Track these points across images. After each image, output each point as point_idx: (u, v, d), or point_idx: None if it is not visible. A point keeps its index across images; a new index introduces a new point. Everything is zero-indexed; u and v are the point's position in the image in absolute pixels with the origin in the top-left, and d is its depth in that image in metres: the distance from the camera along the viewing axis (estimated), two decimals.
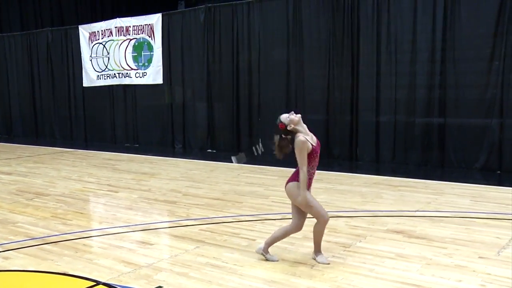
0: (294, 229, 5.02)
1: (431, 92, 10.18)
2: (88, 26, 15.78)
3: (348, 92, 11.07)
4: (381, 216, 6.65)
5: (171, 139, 14.40)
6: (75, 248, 5.56)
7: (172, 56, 14.04)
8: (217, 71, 13.25)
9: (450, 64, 9.91)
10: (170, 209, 7.39)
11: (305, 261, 4.96)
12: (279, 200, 7.66)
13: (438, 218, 6.50)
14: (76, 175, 10.37)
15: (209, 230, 6.16)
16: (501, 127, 9.54)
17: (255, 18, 12.41)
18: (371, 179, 9.18)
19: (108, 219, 6.95)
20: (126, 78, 14.98)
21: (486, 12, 9.50)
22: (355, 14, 10.87)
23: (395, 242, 5.53)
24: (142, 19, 14.43)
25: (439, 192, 7.98)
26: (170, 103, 14.31)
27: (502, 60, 9.40)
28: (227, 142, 13.27)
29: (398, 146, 10.66)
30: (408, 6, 10.25)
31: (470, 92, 9.82)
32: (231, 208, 7.27)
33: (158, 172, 10.44)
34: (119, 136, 15.70)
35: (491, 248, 5.26)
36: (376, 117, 10.83)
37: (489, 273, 4.58)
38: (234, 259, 5.09)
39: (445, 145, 10.13)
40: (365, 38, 10.82)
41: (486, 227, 6.04)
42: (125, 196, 8.31)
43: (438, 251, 5.19)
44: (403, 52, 10.42)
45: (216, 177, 9.74)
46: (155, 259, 5.13)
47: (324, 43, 11.35)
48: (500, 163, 9.62)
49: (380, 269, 4.74)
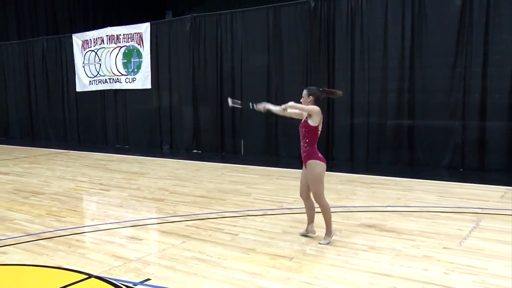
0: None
1: (401, 96, 10.27)
2: (81, 35, 15.68)
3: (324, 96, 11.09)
4: (355, 211, 6.70)
5: (159, 140, 14.36)
6: (69, 244, 5.52)
7: (160, 62, 14.01)
8: (202, 77, 13.23)
9: (417, 70, 10.02)
10: (158, 206, 7.37)
11: (285, 254, 4.98)
12: (261, 197, 7.69)
13: (407, 212, 6.57)
14: (70, 174, 10.28)
15: (194, 226, 6.15)
16: (464, 129, 9.67)
17: (238, 26, 12.43)
18: (346, 177, 9.24)
19: (100, 216, 6.90)
20: (116, 83, 14.90)
21: (449, 23, 9.62)
22: (331, 24, 10.94)
23: (367, 235, 5.58)
24: (132, 28, 14.38)
25: (408, 189, 8.06)
26: (158, 107, 14.27)
27: (463, 67, 9.54)
28: (212, 143, 13.27)
29: (371, 146, 10.73)
30: (379, 17, 10.34)
31: (436, 96, 9.93)
32: (215, 205, 7.26)
33: (147, 172, 10.39)
34: (110, 138, 15.61)
35: (454, 239, 5.34)
36: (350, 119, 10.90)
37: (452, 262, 4.65)
38: (218, 253, 5.09)
39: (414, 145, 10.23)
40: (340, 46, 10.88)
41: (450, 220, 6.12)
42: (116, 194, 8.26)
43: (406, 243, 5.24)
44: (375, 59, 10.50)
45: (201, 176, 9.73)
46: (144, 253, 5.12)
47: (302, 50, 11.40)
48: (463, 161, 9.74)
49: (354, 260, 4.78)
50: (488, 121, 9.43)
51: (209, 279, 4.39)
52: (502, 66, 9.23)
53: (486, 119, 9.44)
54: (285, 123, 11.54)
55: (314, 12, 11.09)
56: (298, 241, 5.41)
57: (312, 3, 11.10)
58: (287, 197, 7.56)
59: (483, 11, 9.27)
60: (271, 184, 8.78)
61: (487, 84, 9.37)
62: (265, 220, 6.35)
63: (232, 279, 4.38)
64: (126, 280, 4.40)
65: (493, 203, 6.98)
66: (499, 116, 9.35)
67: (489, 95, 9.38)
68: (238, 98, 12.51)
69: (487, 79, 9.37)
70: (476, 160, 9.60)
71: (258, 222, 6.23)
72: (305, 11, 11.25)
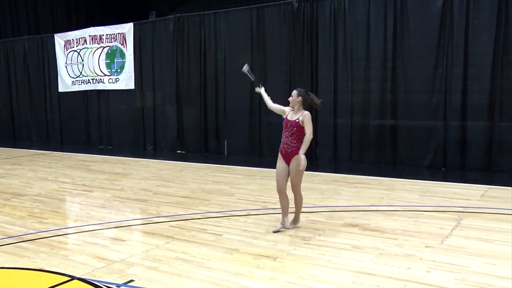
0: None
1: (384, 97, 10.34)
2: (64, 35, 15.53)
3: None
4: (339, 211, 6.72)
5: (143, 141, 14.27)
6: (51, 245, 5.46)
7: (143, 63, 13.93)
8: (185, 77, 13.19)
9: (400, 71, 10.10)
10: (142, 207, 7.32)
11: (268, 254, 4.98)
12: (244, 197, 7.68)
13: (390, 212, 6.61)
14: (52, 176, 10.17)
15: (178, 226, 6.12)
16: (445, 128, 9.77)
17: (221, 27, 12.41)
18: (329, 177, 9.27)
19: (83, 217, 6.84)
20: (99, 83, 14.78)
21: (430, 25, 9.71)
22: (314, 24, 10.97)
23: (351, 235, 5.60)
24: (115, 28, 14.27)
25: (391, 188, 8.11)
26: (141, 107, 14.19)
27: (444, 68, 9.63)
28: (196, 143, 13.23)
29: (354, 146, 10.78)
30: (362, 18, 10.40)
31: (418, 97, 10.02)
32: (199, 205, 7.24)
33: (130, 172, 10.32)
34: (93, 139, 15.49)
35: (436, 237, 5.38)
36: (334, 120, 10.94)
37: (434, 260, 4.69)
38: (202, 253, 5.07)
39: (396, 145, 10.30)
40: (324, 46, 10.92)
41: (432, 219, 6.17)
42: (99, 195, 8.18)
43: (389, 242, 5.28)
44: (358, 59, 10.56)
45: (185, 177, 9.69)
46: (127, 255, 5.08)
47: (285, 50, 11.42)
48: (444, 161, 9.84)
49: (338, 260, 4.79)
50: (469, 121, 9.54)
51: (193, 280, 4.37)
52: (481, 67, 9.35)
53: (467, 119, 9.55)
54: (268, 123, 11.55)
55: (297, 13, 11.12)
56: (281, 241, 5.41)
57: (295, 4, 11.13)
58: (270, 197, 7.56)
59: (463, 13, 9.38)
60: (255, 184, 8.78)
61: (468, 85, 9.48)
62: (248, 220, 6.34)
63: (215, 279, 4.37)
64: (109, 281, 4.36)
65: (474, 201, 7.06)
66: (479, 116, 9.46)
67: (470, 95, 9.49)
68: (221, 98, 12.59)
69: (467, 79, 9.48)
70: (457, 159, 9.70)
71: (241, 222, 6.22)
72: (288, 12, 11.27)
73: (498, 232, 5.54)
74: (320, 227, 5.90)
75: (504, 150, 9.29)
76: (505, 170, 9.26)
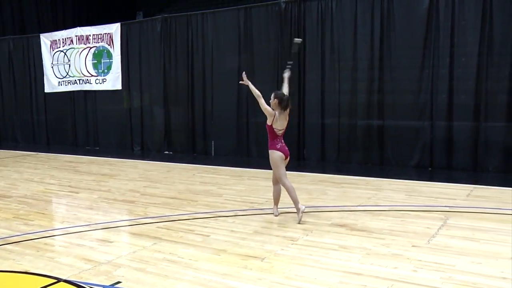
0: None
1: (371, 97, 10.39)
2: (50, 35, 15.41)
3: (295, 97, 11.15)
4: (326, 211, 6.74)
5: (130, 141, 14.21)
6: (37, 248, 5.41)
7: (131, 63, 13.87)
8: (173, 78, 13.15)
9: (387, 71, 10.16)
10: (129, 208, 7.28)
11: (256, 255, 4.98)
12: (232, 198, 7.68)
13: (377, 211, 6.64)
14: (38, 177, 10.08)
15: (165, 227, 6.10)
16: (432, 128, 9.84)
17: (208, 27, 12.40)
18: (317, 177, 9.29)
19: (69, 218, 6.79)
20: (86, 84, 14.69)
21: (416, 26, 9.77)
22: (301, 25, 11.00)
23: (338, 235, 5.62)
24: (102, 28, 14.20)
25: (378, 188, 8.16)
26: (128, 108, 14.12)
27: (431, 68, 9.71)
28: (183, 144, 13.20)
29: (341, 146, 10.82)
30: (349, 18, 10.45)
31: (405, 97, 10.08)
32: (187, 206, 7.22)
33: (117, 174, 10.27)
34: (80, 140, 15.38)
35: (423, 237, 5.42)
36: (321, 120, 10.97)
37: (420, 260, 4.72)
38: (189, 254, 5.06)
39: (383, 145, 10.36)
40: (311, 47, 10.95)
41: (419, 218, 6.22)
42: (85, 196, 8.13)
43: (376, 242, 5.30)
44: (345, 59, 10.60)
45: (172, 177, 9.66)
46: (114, 256, 5.05)
47: (273, 50, 11.44)
48: (431, 160, 9.91)
49: (325, 260, 4.80)
50: (455, 121, 9.62)
51: (180, 281, 4.35)
52: (467, 68, 9.44)
53: (453, 119, 9.63)
54: (255, 123, 11.55)
55: (284, 13, 11.14)
56: (269, 242, 5.41)
57: (282, 4, 11.15)
58: (258, 198, 7.57)
59: (448, 14, 9.46)
60: (242, 184, 8.78)
61: (454, 85, 9.57)
62: (236, 221, 6.34)
63: (203, 280, 4.36)
64: (96, 283, 4.33)
65: (460, 201, 7.13)
66: (465, 116, 9.54)
67: (456, 96, 9.57)
68: (209, 99, 12.56)
69: (453, 80, 9.56)
70: (443, 159, 9.78)
71: (229, 223, 6.22)
72: (276, 12, 11.29)
73: (483, 231, 5.59)
74: (307, 228, 5.92)
75: (489, 150, 9.38)
76: (490, 169, 9.35)
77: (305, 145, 11.25)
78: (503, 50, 9.12)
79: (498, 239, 5.29)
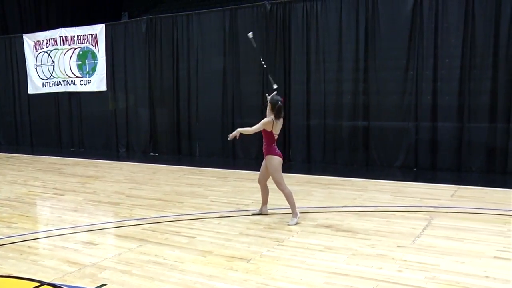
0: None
1: (356, 98, 10.45)
2: (33, 35, 15.26)
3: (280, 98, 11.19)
4: (312, 212, 6.77)
5: (115, 143, 14.13)
6: (20, 251, 5.35)
7: (116, 64, 13.80)
8: (158, 79, 13.11)
9: (372, 73, 10.22)
10: (114, 210, 7.24)
11: (242, 256, 4.98)
12: (217, 199, 7.67)
13: (362, 212, 6.68)
14: (22, 179, 9.98)
15: (151, 229, 6.08)
16: (417, 129, 9.93)
17: (193, 28, 12.38)
18: (302, 178, 9.32)
19: (54, 221, 6.73)
20: (71, 85, 14.58)
21: (401, 27, 9.86)
22: (287, 26, 11.03)
23: (324, 235, 5.64)
24: (86, 29, 14.10)
25: (364, 189, 8.20)
26: (114, 109, 14.05)
27: (415, 70, 9.79)
28: (168, 145, 13.16)
29: (327, 147, 10.87)
30: (334, 20, 10.50)
31: (389, 98, 10.15)
32: (172, 208, 7.20)
33: (102, 175, 10.20)
34: (64, 141, 15.26)
35: (408, 237, 5.47)
36: (307, 121, 11.01)
37: (406, 260, 4.76)
38: (175, 256, 5.05)
39: (369, 146, 10.43)
40: (296, 48, 10.98)
41: (404, 219, 6.27)
42: (70, 198, 8.07)
43: (362, 243, 5.33)
44: (330, 61, 10.64)
45: (158, 179, 9.62)
46: (99, 258, 5.02)
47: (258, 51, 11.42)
48: (416, 161, 10.00)
49: (311, 260, 4.82)
50: (439, 122, 9.72)
51: (166, 283, 4.34)
52: (451, 69, 9.55)
53: (437, 120, 9.73)
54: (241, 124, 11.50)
55: (270, 14, 11.17)
56: (255, 243, 5.42)
57: (267, 5, 11.17)
58: (244, 199, 7.57)
59: (432, 16, 9.55)
60: (228, 186, 8.77)
61: (438, 86, 9.66)
62: (222, 222, 6.34)
63: (189, 282, 4.35)
64: (80, 286, 4.30)
65: (444, 201, 7.20)
66: (449, 117, 9.65)
67: (440, 97, 9.67)
68: (194, 100, 12.54)
69: (437, 81, 9.66)
70: (428, 160, 9.88)
71: (215, 225, 6.21)
72: (261, 14, 11.31)
73: (466, 231, 5.66)
74: (293, 228, 5.93)
75: (472, 151, 9.49)
76: (474, 170, 9.46)
77: (291, 146, 11.27)
78: (485, 51, 9.23)
79: (481, 239, 5.35)
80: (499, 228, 5.73)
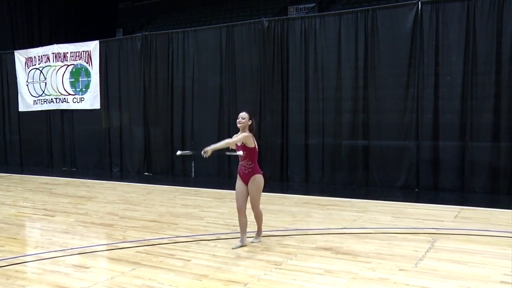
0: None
1: (355, 116, 10.48)
2: (25, 52, 15.34)
3: (278, 117, 11.23)
4: (311, 234, 6.73)
5: (109, 162, 14.09)
6: (7, 275, 5.28)
7: (110, 82, 13.84)
8: (153, 97, 13.14)
9: (371, 91, 10.26)
10: (107, 232, 7.19)
11: (238, 280, 4.94)
12: (214, 221, 7.63)
13: (363, 234, 6.64)
14: (11, 200, 9.92)
15: (145, 252, 6.03)
16: (418, 149, 9.94)
17: (189, 46, 12.45)
18: (301, 199, 9.29)
19: (44, 243, 6.67)
20: (63, 103, 14.60)
21: (401, 45, 9.96)
22: (284, 43, 11.11)
23: (323, 258, 5.60)
24: (80, 46, 14.18)
25: (364, 210, 8.18)
26: (107, 128, 14.05)
27: (416, 87, 9.84)
28: (163, 165, 13.13)
29: (326, 167, 10.86)
30: (332, 37, 10.58)
31: (390, 117, 10.19)
32: (167, 229, 7.15)
33: (95, 196, 10.15)
34: (56, 160, 15.21)
35: (410, 260, 5.43)
36: (305, 140, 11.02)
37: (408, 284, 4.72)
38: (169, 279, 5.00)
39: (369, 166, 10.42)
40: (294, 66, 11.05)
41: (405, 241, 6.23)
42: (61, 220, 8.01)
43: (363, 266, 5.29)
44: (329, 79, 10.70)
45: (152, 200, 9.58)
46: (90, 283, 4.96)
47: (255, 69, 11.51)
48: (417, 181, 9.99)
49: (310, 285, 4.78)
50: (441, 141, 9.73)
51: None
52: (452, 87, 9.60)
53: (439, 139, 9.74)
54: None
55: (267, 31, 11.25)
56: (252, 266, 5.38)
57: (265, 22, 11.26)
58: None
59: (432, 34, 9.64)
60: (225, 207, 8.73)
61: (439, 105, 9.70)
62: (218, 244, 6.29)
63: None
64: None
65: (447, 223, 7.17)
66: (451, 136, 9.67)
67: (441, 115, 9.70)
68: (189, 119, 12.55)
69: (438, 99, 9.70)
70: (430, 180, 9.86)
71: (211, 247, 6.17)
72: (258, 31, 11.39)
73: (471, 254, 5.62)
74: (291, 251, 5.89)
75: (475, 171, 9.49)
76: (477, 190, 9.45)
77: (289, 166, 11.26)
78: (487, 69, 9.30)
79: (486, 262, 5.32)
80: (505, 251, 5.70)
